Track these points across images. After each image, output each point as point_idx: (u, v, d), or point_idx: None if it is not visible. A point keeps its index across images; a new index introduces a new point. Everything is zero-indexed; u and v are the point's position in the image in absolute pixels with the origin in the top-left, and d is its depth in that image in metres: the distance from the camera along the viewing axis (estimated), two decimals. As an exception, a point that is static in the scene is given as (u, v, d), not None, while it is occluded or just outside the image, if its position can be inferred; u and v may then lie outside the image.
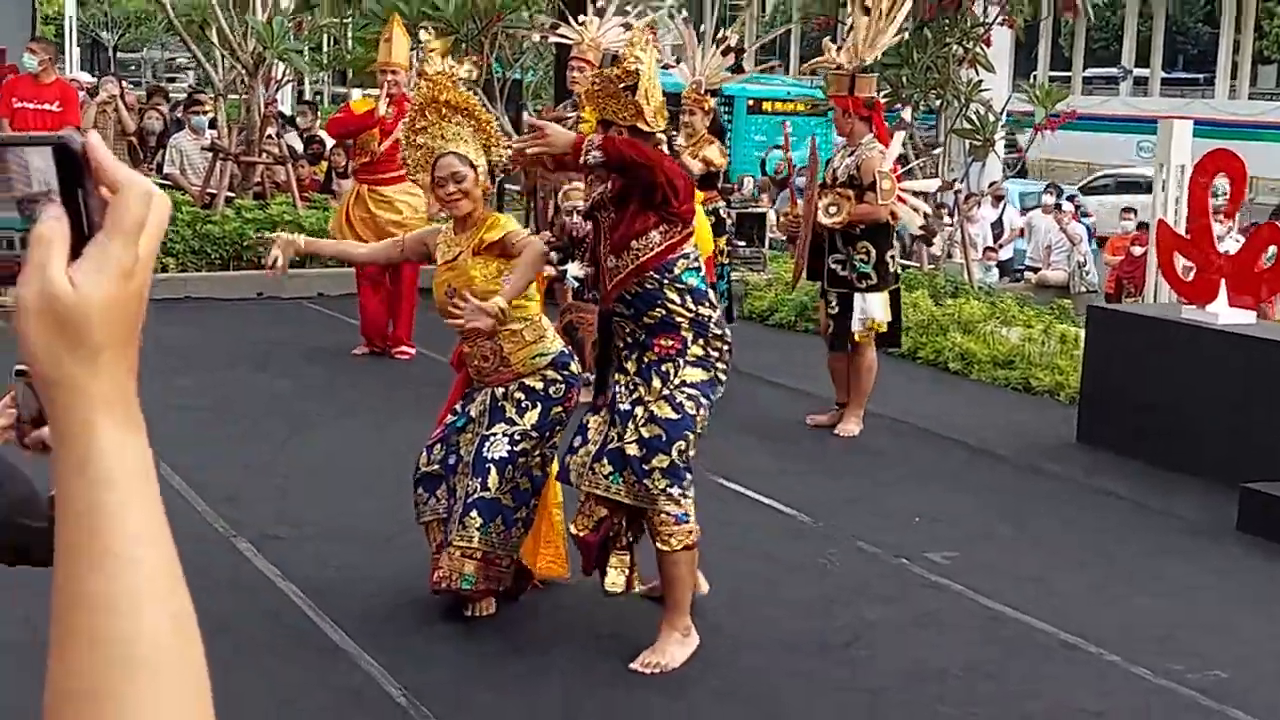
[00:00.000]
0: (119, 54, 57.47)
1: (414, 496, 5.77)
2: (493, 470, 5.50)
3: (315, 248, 6.33)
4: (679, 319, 5.31)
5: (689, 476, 5.34)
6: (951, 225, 16.61)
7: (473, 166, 5.59)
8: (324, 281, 12.77)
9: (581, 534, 5.42)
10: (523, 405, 5.60)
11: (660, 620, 5.40)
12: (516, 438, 5.54)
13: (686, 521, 5.30)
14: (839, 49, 8.68)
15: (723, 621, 5.75)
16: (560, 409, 5.66)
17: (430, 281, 5.97)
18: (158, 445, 0.99)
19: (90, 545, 0.94)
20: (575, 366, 5.78)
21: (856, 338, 8.64)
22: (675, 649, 5.35)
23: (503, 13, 13.71)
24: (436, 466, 5.70)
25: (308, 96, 29.32)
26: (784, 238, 9.06)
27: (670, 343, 5.33)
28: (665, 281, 5.29)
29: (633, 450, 5.25)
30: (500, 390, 5.62)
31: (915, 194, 8.91)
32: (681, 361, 5.31)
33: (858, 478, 7.95)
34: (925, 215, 9.02)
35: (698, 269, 5.38)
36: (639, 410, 5.28)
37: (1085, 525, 7.30)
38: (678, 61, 10.55)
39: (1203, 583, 6.52)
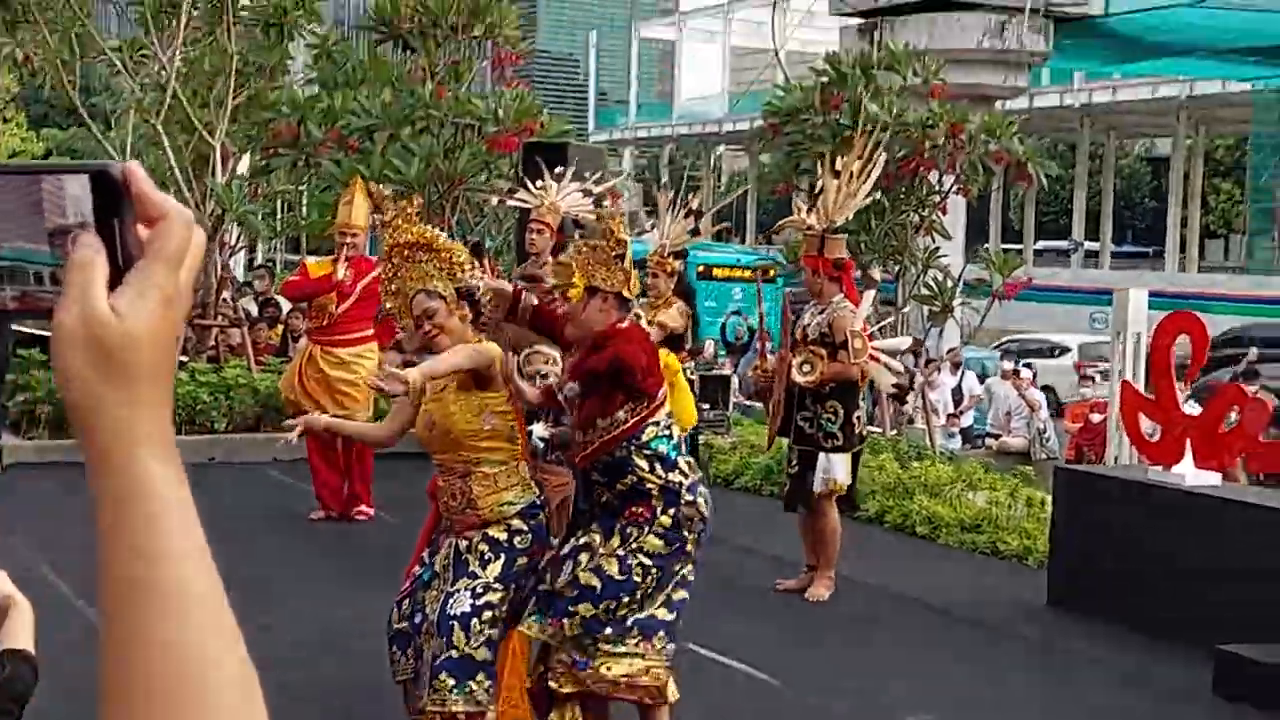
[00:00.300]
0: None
1: (389, 654, 5.66)
2: (456, 627, 5.38)
3: (336, 428, 6.40)
4: (649, 486, 5.34)
5: (608, 632, 5.30)
6: (914, 391, 16.77)
7: (442, 298, 5.55)
8: (275, 447, 12.69)
9: (528, 685, 5.44)
10: (485, 558, 5.49)
11: None
12: (479, 590, 5.44)
13: (585, 669, 5.28)
14: (809, 210, 8.81)
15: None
16: (525, 560, 5.54)
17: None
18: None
19: (151, 586, 0.90)
20: (545, 517, 5.69)
21: (817, 498, 8.62)
22: None
23: (464, 177, 13.88)
24: (405, 624, 5.60)
25: (259, 262, 29.41)
26: (753, 392, 9.08)
27: (640, 510, 5.36)
28: (634, 449, 5.35)
29: (563, 589, 5.24)
30: (464, 543, 5.52)
31: (887, 353, 8.97)
32: (647, 529, 5.31)
33: (830, 643, 7.87)
34: (898, 373, 9.07)
35: (668, 436, 5.42)
36: (584, 557, 5.29)
37: (1063, 690, 7.24)
38: (651, 227, 10.69)
39: (1184, 747, 6.46)
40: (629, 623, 5.32)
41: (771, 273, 20.97)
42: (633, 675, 5.32)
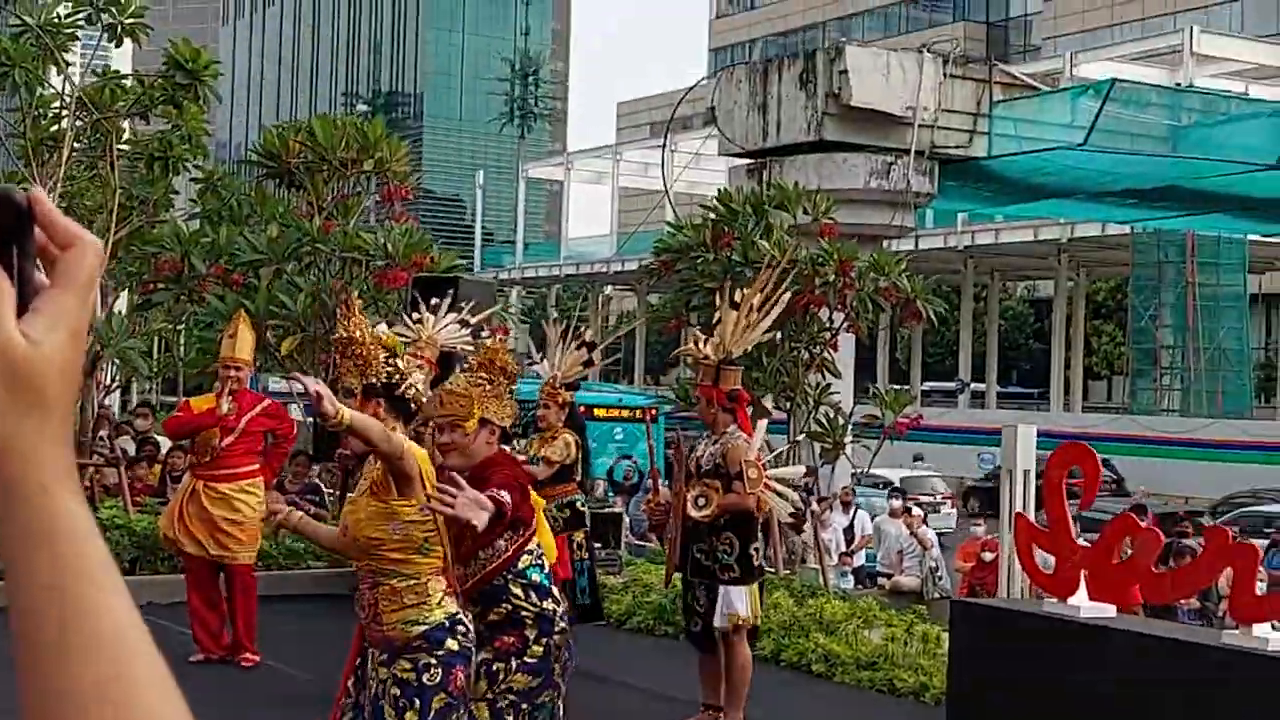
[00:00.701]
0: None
1: None
2: None
3: (302, 527, 5.81)
4: (524, 614, 5.35)
5: None
6: (807, 524, 16.85)
7: (352, 394, 5.53)
8: (152, 590, 12.40)
9: None
10: (400, 705, 5.14)
11: None
12: None
13: None
14: (705, 341, 8.87)
15: None
16: (443, 696, 5.16)
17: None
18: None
19: (75, 629, 0.86)
20: (453, 644, 5.27)
21: (723, 634, 8.57)
22: None
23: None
24: None
25: (135, 403, 29.04)
26: (647, 527, 9.11)
27: (511, 639, 5.33)
28: (510, 578, 5.36)
29: None
30: (380, 686, 5.21)
31: (782, 481, 8.99)
32: (515, 663, 5.29)
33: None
34: (794, 503, 9.10)
35: (541, 565, 5.46)
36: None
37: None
38: (541, 359, 10.74)
39: None
40: None
41: (654, 412, 21.10)
42: None
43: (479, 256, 66.13)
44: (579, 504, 10.27)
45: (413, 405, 5.44)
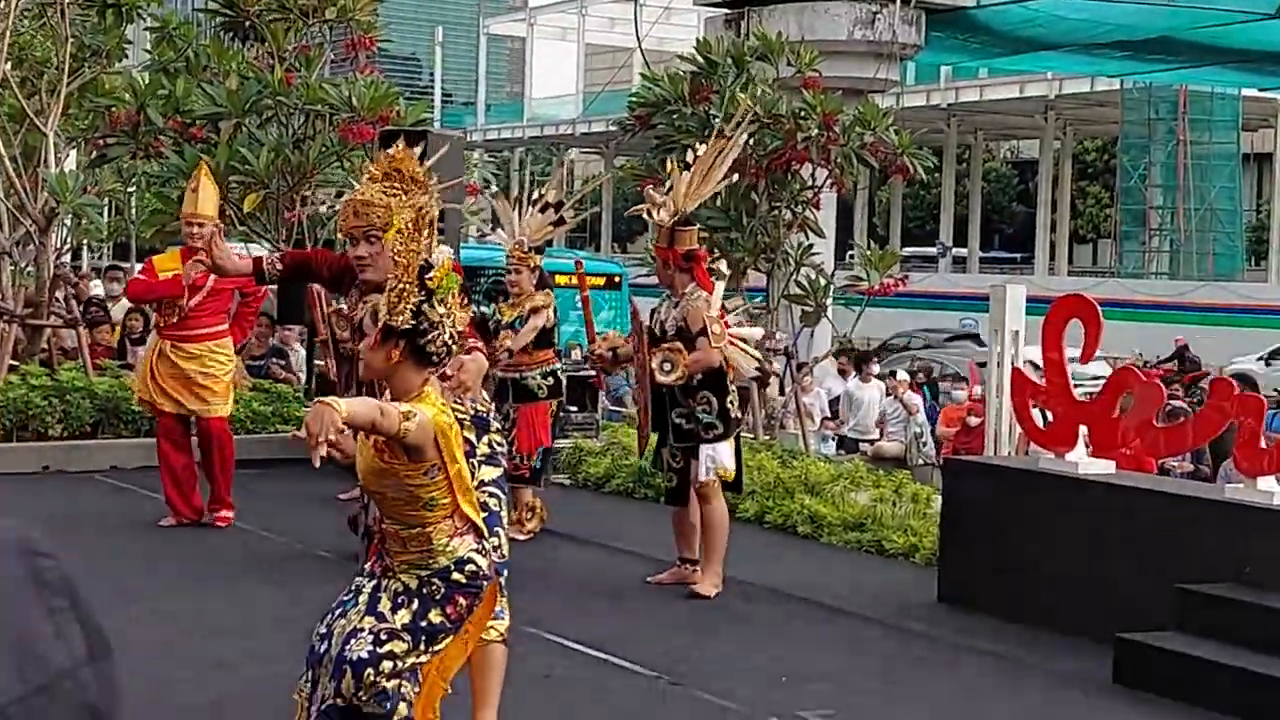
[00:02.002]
0: None
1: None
2: (348, 673, 4.95)
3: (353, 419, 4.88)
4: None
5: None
6: (785, 396, 16.95)
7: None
8: (119, 452, 12.48)
9: None
10: (398, 600, 5.03)
11: None
12: (383, 637, 4.98)
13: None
14: (659, 206, 8.94)
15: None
16: (439, 615, 5.00)
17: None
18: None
19: None
20: (459, 577, 4.99)
21: (704, 487, 8.72)
22: None
23: (315, 168, 13.76)
24: (314, 643, 5.15)
25: (84, 269, 28.85)
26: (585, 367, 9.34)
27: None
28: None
29: None
30: (386, 580, 5.09)
31: (742, 340, 9.17)
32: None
33: (717, 638, 7.94)
34: (757, 359, 9.27)
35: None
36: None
37: (961, 684, 7.38)
38: (493, 230, 10.79)
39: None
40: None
41: (617, 279, 21.10)
42: None
43: (439, 118, 65.55)
44: (559, 372, 10.39)
45: (435, 359, 4.91)
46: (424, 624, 4.98)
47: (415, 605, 4.98)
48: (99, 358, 14.19)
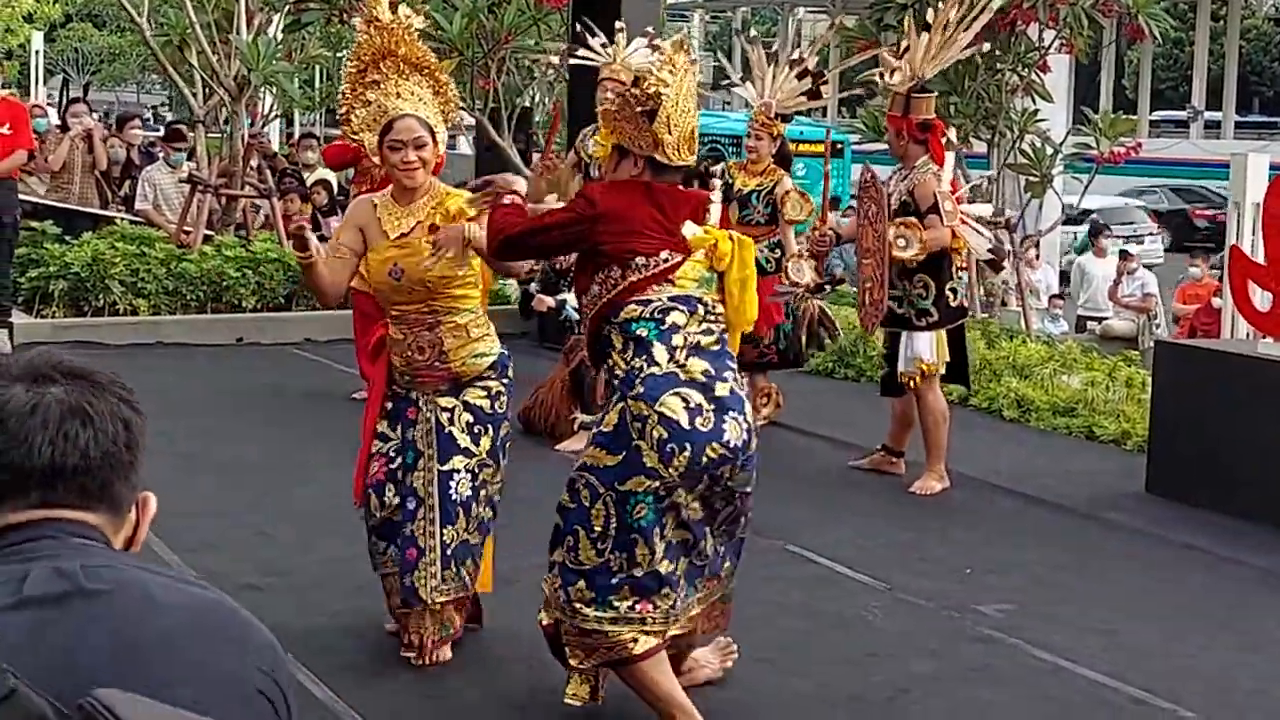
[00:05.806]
0: (90, 94, 57.95)
1: (369, 545, 5.72)
2: (462, 514, 5.51)
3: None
4: (616, 372, 4.89)
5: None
6: (1007, 270, 16.63)
7: (432, 133, 5.53)
8: (311, 326, 12.81)
9: (542, 623, 5.06)
10: (475, 431, 5.54)
11: None
12: (477, 470, 5.54)
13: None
14: (893, 70, 8.59)
15: (760, 677, 5.71)
16: (507, 425, 5.70)
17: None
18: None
19: None
20: (512, 372, 5.74)
21: (907, 381, 8.58)
22: None
23: (510, 34, 13.82)
24: (389, 513, 5.61)
25: (295, 136, 29.45)
26: (809, 252, 8.93)
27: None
28: (611, 327, 4.93)
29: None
30: (445, 415, 5.51)
31: (974, 218, 8.76)
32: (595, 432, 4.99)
33: (903, 528, 7.92)
34: (990, 239, 8.85)
35: (657, 321, 4.87)
36: None
37: (1156, 576, 7.26)
38: (744, 81, 10.53)
39: (1288, 637, 6.47)
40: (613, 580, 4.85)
41: (839, 146, 20.79)
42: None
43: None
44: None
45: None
46: (502, 441, 5.62)
47: (491, 429, 5.57)
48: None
